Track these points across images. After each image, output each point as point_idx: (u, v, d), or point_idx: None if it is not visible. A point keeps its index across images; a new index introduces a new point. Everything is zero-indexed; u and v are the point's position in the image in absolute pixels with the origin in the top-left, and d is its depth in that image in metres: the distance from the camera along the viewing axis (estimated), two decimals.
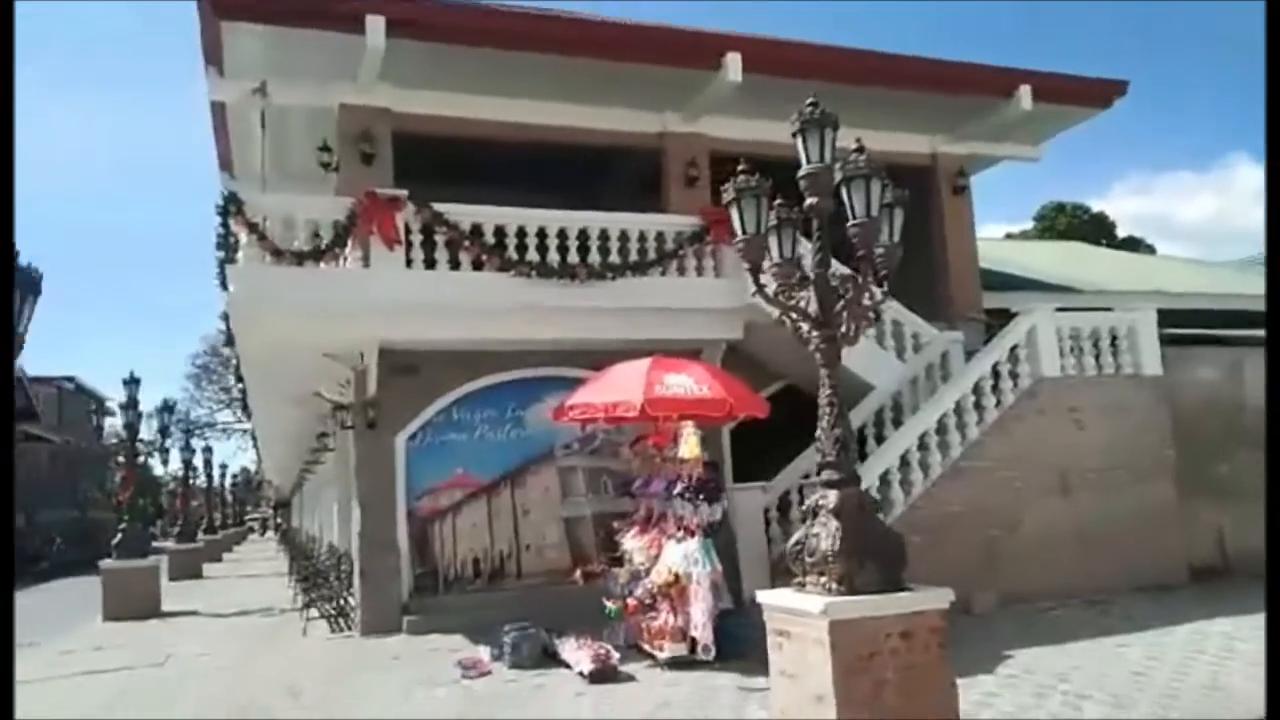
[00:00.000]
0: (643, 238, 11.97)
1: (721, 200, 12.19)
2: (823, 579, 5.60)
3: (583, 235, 11.69)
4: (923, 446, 10.70)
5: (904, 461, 10.52)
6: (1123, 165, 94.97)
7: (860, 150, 5.62)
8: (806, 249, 6.40)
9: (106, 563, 15.73)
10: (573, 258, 11.49)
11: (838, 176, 5.64)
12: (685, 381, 8.74)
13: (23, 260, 4.79)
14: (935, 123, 14.86)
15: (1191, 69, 77.81)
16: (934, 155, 15.25)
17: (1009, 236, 43.54)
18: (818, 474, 5.88)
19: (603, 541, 11.59)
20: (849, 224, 5.56)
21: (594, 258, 11.61)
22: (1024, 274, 18.29)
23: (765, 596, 5.97)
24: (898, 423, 11.76)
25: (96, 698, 8.65)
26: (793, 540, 5.87)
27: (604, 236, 11.80)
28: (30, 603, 21.20)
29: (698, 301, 11.99)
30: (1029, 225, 51.39)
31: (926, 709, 5.46)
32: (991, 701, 6.60)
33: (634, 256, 11.81)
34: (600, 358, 10.92)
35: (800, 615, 5.57)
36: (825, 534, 5.60)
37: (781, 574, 10.65)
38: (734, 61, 12.33)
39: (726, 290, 12.05)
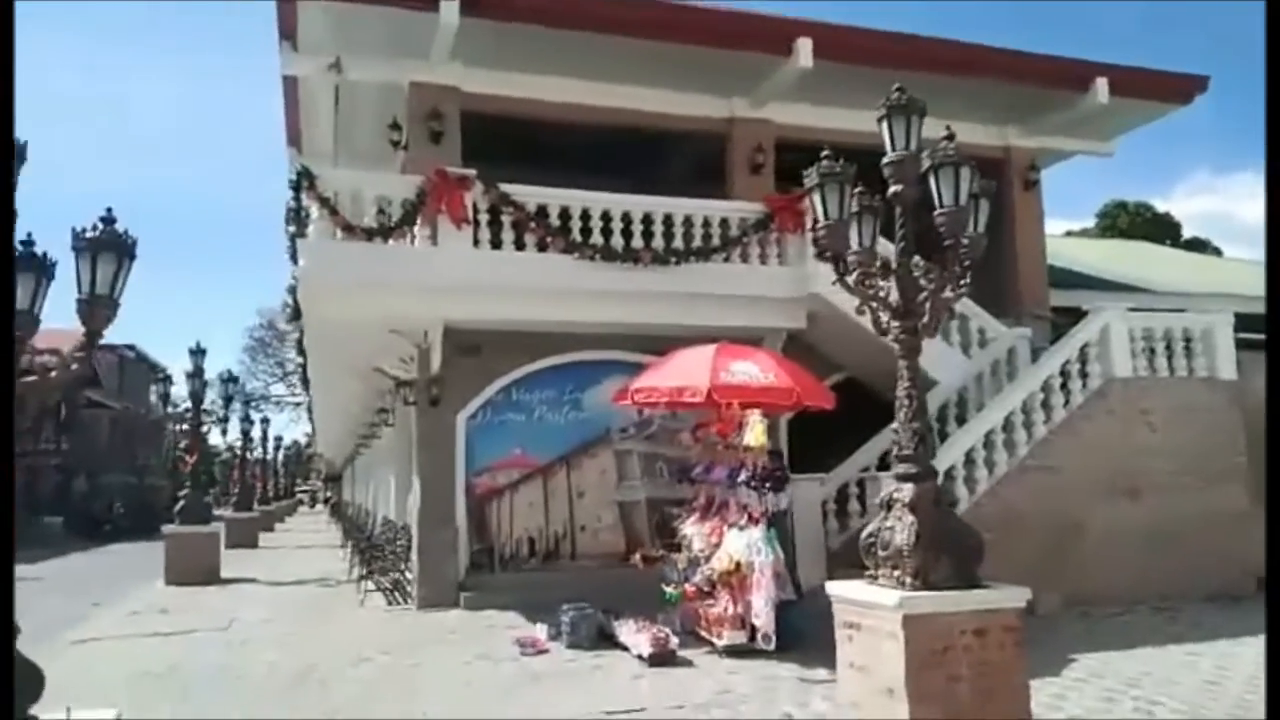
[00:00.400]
0: (706, 223, 11.90)
1: (786, 187, 12.17)
2: (896, 572, 5.55)
3: (646, 219, 11.66)
4: (988, 444, 10.53)
5: (969, 459, 10.37)
6: (1186, 164, 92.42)
7: (950, 138, 5.52)
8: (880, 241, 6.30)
9: (169, 528, 16.09)
10: (636, 242, 11.47)
11: (925, 164, 5.55)
12: (751, 369, 8.69)
13: (119, 227, 4.88)
14: (1008, 115, 14.57)
15: (1257, 66, 75.22)
16: (1006, 148, 14.95)
17: (1069, 234, 42.65)
18: (894, 467, 5.79)
19: (657, 526, 11.63)
20: (936, 212, 5.47)
21: (657, 242, 11.58)
22: (1091, 272, 17.89)
23: (835, 588, 5.92)
24: (962, 419, 11.60)
25: (166, 658, 8.84)
26: (865, 532, 5.81)
27: (668, 221, 11.76)
28: (95, 564, 21.83)
29: (760, 289, 11.90)
30: (1089, 223, 50.34)
31: (999, 707, 5.40)
32: (1059, 704, 6.49)
33: (697, 242, 11.75)
34: (660, 343, 10.91)
35: (873, 608, 5.52)
36: (900, 527, 5.55)
37: (839, 566, 10.64)
38: (804, 47, 12.21)
39: (789, 279, 11.96)
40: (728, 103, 13.36)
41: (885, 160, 5.62)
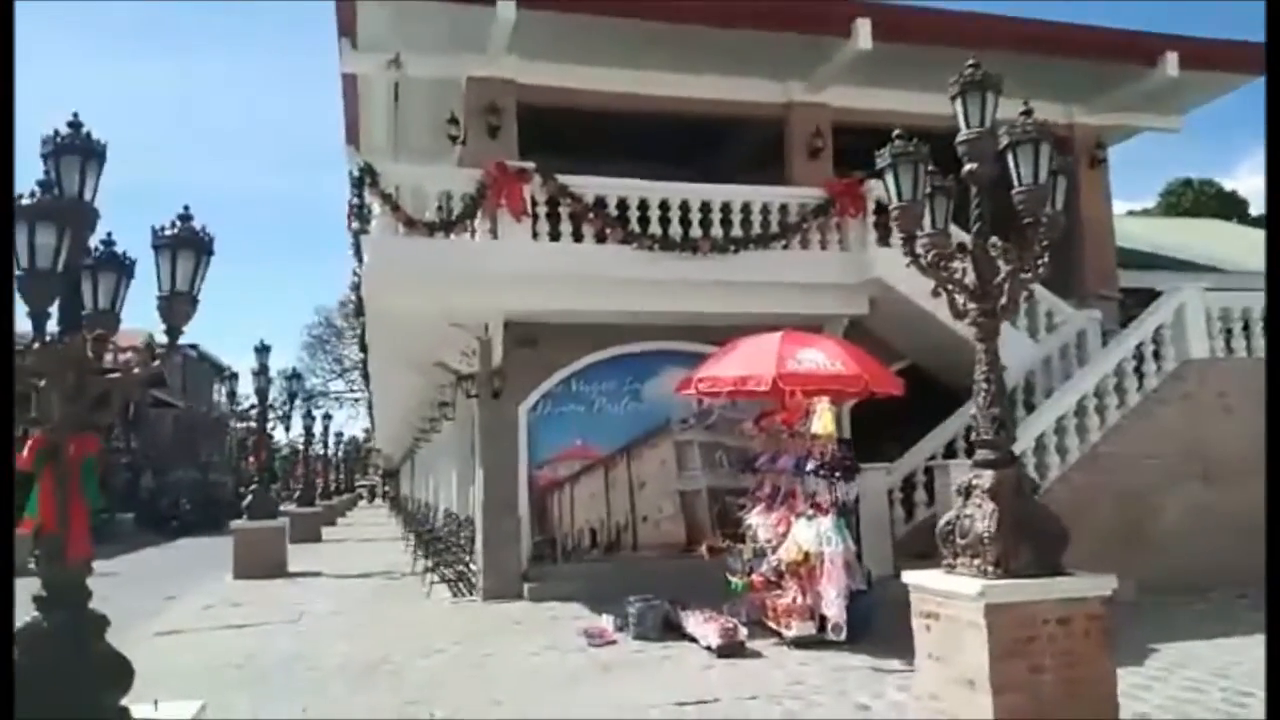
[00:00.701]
0: (765, 210, 11.79)
1: (845, 172, 11.99)
2: (976, 561, 5.42)
3: (705, 208, 11.58)
4: (1059, 430, 10.30)
5: (1039, 444, 10.15)
6: (1251, 140, 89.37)
7: (1028, 113, 5.38)
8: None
9: (237, 523, 16.41)
10: (695, 231, 11.39)
11: (1002, 141, 5.41)
12: (818, 357, 8.58)
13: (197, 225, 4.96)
14: (1073, 91, 14.20)
15: None
16: (1070, 125, 14.58)
17: (1130, 214, 41.61)
18: (974, 453, 5.66)
19: (718, 516, 11.58)
20: (1015, 190, 5.33)
21: (716, 231, 11.49)
22: (1160, 251, 17.41)
23: (913, 577, 5.81)
24: (1029, 405, 11.36)
25: (242, 649, 9.01)
26: (943, 521, 5.70)
27: (725, 209, 11.67)
28: (166, 559, 22.40)
29: (820, 276, 11.78)
30: (1150, 203, 49.08)
31: (1084, 697, 5.27)
32: (1143, 695, 6.32)
33: (756, 229, 11.66)
34: (719, 333, 10.82)
35: (953, 597, 5.41)
36: (980, 515, 5.42)
37: (905, 555, 10.50)
38: (863, 28, 12.00)
39: (850, 264, 11.82)
40: (784, 87, 13.22)
41: (960, 137, 5.48)
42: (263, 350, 17.48)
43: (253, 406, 18.43)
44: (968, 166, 5.54)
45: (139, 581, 15.98)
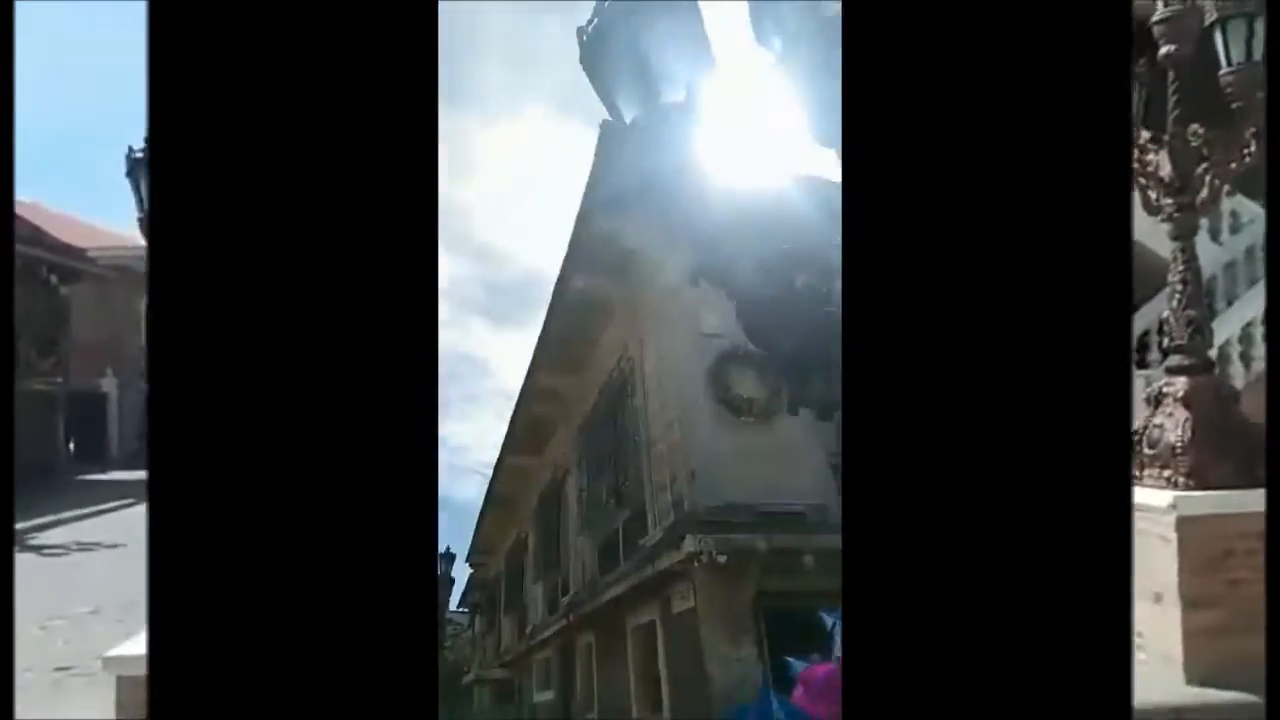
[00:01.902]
0: None
1: None
2: (1165, 472, 5.13)
3: None
4: (1245, 338, 9.57)
5: (1223, 354, 9.46)
6: None
7: None
8: None
9: None
10: None
11: (1208, 18, 4.93)
12: None
13: None
14: None
15: None
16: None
17: None
18: (1164, 359, 5.33)
19: None
20: (1223, 71, 4.86)
21: None
22: None
23: None
24: (1211, 311, 10.58)
25: None
26: None
27: None
28: None
29: None
30: None
31: None
32: None
33: None
34: None
35: (1140, 510, 5.12)
36: (1172, 424, 5.11)
37: None
38: None
39: None
40: None
41: (1156, 16, 5.01)
42: None
43: None
44: (1165, 48, 5.08)
45: None
